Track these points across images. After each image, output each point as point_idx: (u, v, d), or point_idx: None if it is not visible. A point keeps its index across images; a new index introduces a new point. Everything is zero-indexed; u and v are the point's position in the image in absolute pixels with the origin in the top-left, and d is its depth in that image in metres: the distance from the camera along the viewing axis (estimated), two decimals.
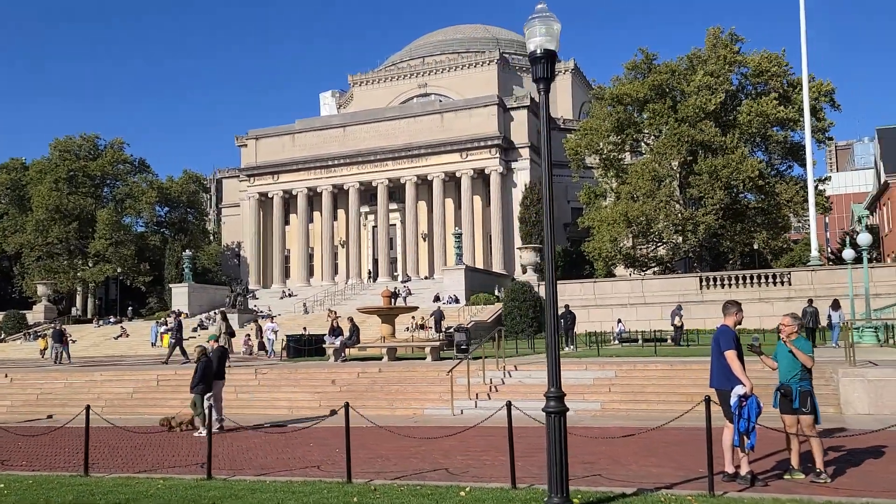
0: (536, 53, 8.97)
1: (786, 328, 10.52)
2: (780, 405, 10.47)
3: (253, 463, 13.81)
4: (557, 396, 8.79)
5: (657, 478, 11.04)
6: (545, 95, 9.09)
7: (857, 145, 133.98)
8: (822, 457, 10.37)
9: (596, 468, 12.49)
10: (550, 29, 8.90)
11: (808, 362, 10.18)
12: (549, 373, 8.84)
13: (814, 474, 10.30)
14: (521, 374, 23.73)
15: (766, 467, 11.37)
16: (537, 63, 8.99)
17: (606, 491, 10.03)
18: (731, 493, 9.75)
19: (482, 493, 10.24)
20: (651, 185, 60.02)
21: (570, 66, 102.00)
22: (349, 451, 11.68)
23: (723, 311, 10.84)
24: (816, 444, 10.28)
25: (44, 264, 79.54)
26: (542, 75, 9.00)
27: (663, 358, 25.12)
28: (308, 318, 61.47)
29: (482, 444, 15.10)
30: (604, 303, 54.88)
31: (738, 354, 10.32)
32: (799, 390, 10.23)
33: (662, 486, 10.32)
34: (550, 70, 8.99)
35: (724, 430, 10.49)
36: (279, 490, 10.74)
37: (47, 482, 11.87)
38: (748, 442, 10.13)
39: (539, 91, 9.09)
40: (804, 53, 52.66)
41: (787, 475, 10.57)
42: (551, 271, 8.87)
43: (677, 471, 11.65)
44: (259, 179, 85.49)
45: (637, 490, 10.06)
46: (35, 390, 26.35)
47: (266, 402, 23.48)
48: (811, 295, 48.79)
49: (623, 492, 9.93)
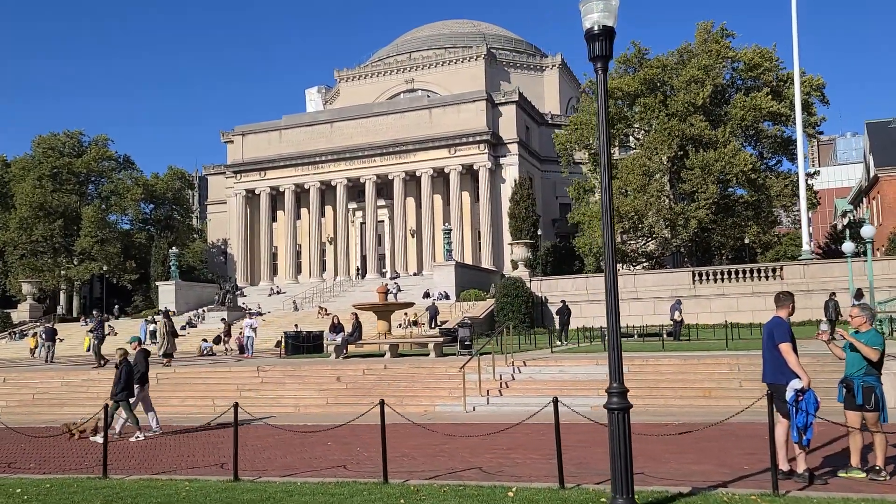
0: (594, 31, 8.52)
1: (855, 319, 10.13)
2: (844, 400, 10.09)
3: (274, 463, 13.28)
4: (620, 392, 8.36)
5: (704, 476, 10.65)
6: (603, 75, 8.65)
7: (839, 140, 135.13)
8: (885, 454, 10.00)
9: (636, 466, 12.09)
10: (608, 4, 8.46)
11: (872, 355, 9.78)
12: (611, 367, 8.41)
13: (873, 472, 9.92)
14: (531, 370, 23.35)
15: (816, 464, 11.01)
16: (595, 41, 8.54)
17: (661, 490, 9.62)
18: (793, 492, 9.36)
19: (530, 493, 9.80)
20: (642, 180, 59.90)
21: (557, 61, 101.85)
22: (385, 450, 11.17)
23: (775, 303, 10.47)
24: (880, 440, 9.91)
25: (28, 262, 78.02)
26: (601, 53, 8.56)
27: (674, 353, 24.83)
28: (298, 315, 60.74)
29: (507, 442, 14.66)
30: (597, 298, 54.58)
31: (794, 347, 9.94)
32: (862, 386, 9.81)
33: (716, 485, 9.93)
34: (609, 48, 8.56)
35: (777, 426, 10.07)
36: (315, 492, 10.22)
37: (67, 485, 11.28)
38: (805, 438, 9.75)
39: (597, 71, 8.65)
40: (796, 48, 52.76)
41: (842, 472, 10.19)
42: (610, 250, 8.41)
43: (720, 468, 11.28)
44: (246, 176, 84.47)
45: (692, 489, 9.66)
46: (31, 390, 25.58)
47: (271, 400, 22.92)
48: (804, 289, 48.92)
49: (679, 491, 9.53)
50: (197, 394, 24.14)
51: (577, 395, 20.72)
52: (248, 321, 40.93)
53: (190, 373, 26.24)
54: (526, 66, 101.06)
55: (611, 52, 8.62)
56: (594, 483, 10.42)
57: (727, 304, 50.66)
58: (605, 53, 8.55)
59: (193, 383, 25.33)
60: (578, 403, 20.05)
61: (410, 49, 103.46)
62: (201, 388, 24.83)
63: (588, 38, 8.61)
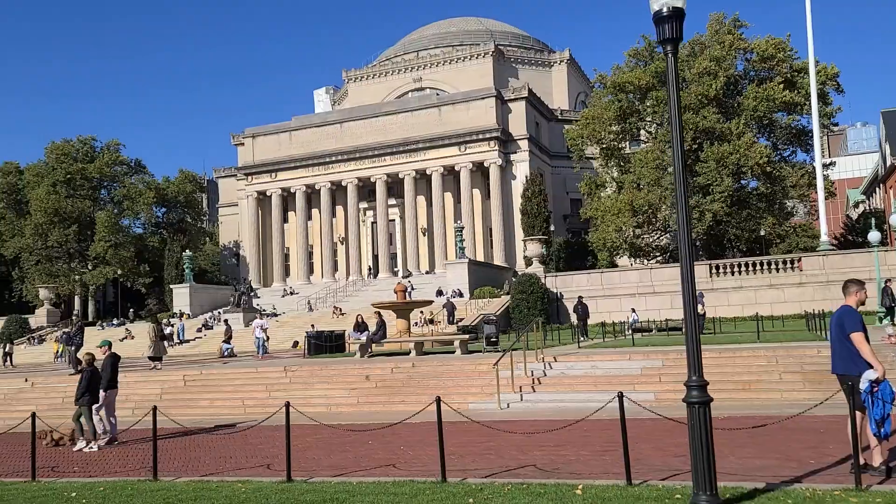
0: (663, 13, 8.26)
1: None
2: None
3: (321, 463, 13.06)
4: (700, 385, 8.09)
5: (771, 471, 10.38)
6: (673, 57, 8.39)
7: (850, 130, 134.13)
8: None
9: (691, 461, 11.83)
10: None
11: None
12: (690, 360, 8.15)
13: None
14: (562, 365, 23.09)
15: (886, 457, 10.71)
16: (664, 23, 8.29)
17: (735, 486, 9.33)
18: (874, 486, 9.08)
19: (598, 490, 9.54)
20: (655, 174, 59.59)
21: (565, 56, 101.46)
22: (442, 448, 10.95)
23: (843, 291, 10.19)
24: None
25: (44, 268, 78.27)
26: (670, 36, 8.30)
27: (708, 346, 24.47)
28: (313, 315, 60.64)
29: (553, 439, 14.39)
30: (612, 293, 54.39)
31: (866, 336, 9.66)
32: None
33: (789, 480, 9.64)
34: (679, 30, 8.30)
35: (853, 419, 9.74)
36: (377, 492, 9.99)
37: (120, 488, 11.08)
38: (882, 430, 9.46)
39: (667, 53, 8.40)
40: (810, 37, 52.29)
41: None
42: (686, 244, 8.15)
43: (785, 462, 11.00)
44: (257, 178, 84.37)
45: (767, 485, 9.38)
46: (59, 394, 25.41)
47: (302, 399, 22.59)
48: (823, 280, 48.54)
49: (755, 487, 9.25)
50: (225, 395, 23.97)
51: (613, 391, 20.36)
52: (258, 321, 40.66)
53: (217, 374, 26.06)
54: (534, 62, 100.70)
55: (681, 35, 8.36)
56: (659, 479, 10.17)
57: (745, 297, 50.32)
58: (674, 36, 8.30)
59: (221, 385, 25.15)
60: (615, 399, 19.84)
61: (418, 48, 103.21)
62: (229, 389, 24.66)
63: (656, 20, 8.35)
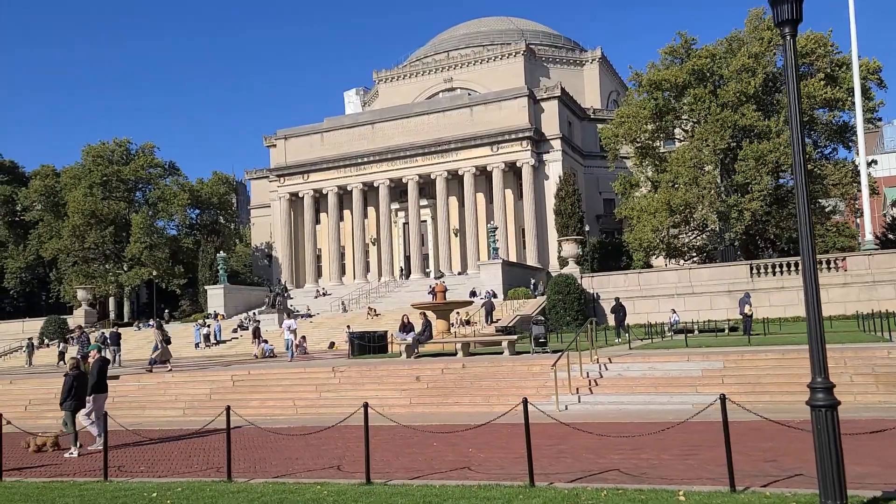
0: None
1: None
2: None
3: (391, 465, 12.74)
4: (826, 388, 7.63)
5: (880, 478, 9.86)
6: (792, 40, 7.93)
7: (885, 128, 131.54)
8: None
9: (785, 466, 11.36)
10: None
11: None
12: (814, 360, 7.69)
13: None
14: (618, 366, 22.61)
15: None
16: (781, 3, 7.84)
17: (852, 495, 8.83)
18: None
19: (702, 497, 9.09)
20: (693, 172, 58.63)
21: (597, 55, 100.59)
22: (530, 451, 10.54)
23: None
24: None
25: (81, 269, 79.14)
26: (789, 17, 7.85)
27: (770, 347, 23.85)
28: (347, 316, 60.53)
29: (628, 442, 13.92)
30: (650, 294, 53.55)
31: None
32: None
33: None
34: (798, 11, 7.84)
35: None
36: (464, 496, 9.62)
37: (199, 489, 10.83)
38: None
39: (784, 36, 7.94)
40: (853, 31, 51.15)
41: None
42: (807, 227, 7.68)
43: (888, 469, 10.48)
44: (289, 179, 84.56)
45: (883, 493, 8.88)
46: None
47: (352, 400, 22.36)
48: (869, 280, 47.42)
49: (874, 496, 8.75)
50: (275, 395, 23.78)
51: (675, 393, 19.95)
52: (287, 322, 40.22)
53: (265, 374, 25.88)
54: (565, 62, 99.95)
55: (800, 16, 7.89)
56: (760, 485, 9.70)
57: (787, 298, 49.20)
58: (793, 17, 7.84)
59: (269, 385, 24.97)
60: (678, 401, 19.34)
61: (448, 48, 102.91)
62: (278, 389, 24.47)
63: (772, 1, 7.90)
